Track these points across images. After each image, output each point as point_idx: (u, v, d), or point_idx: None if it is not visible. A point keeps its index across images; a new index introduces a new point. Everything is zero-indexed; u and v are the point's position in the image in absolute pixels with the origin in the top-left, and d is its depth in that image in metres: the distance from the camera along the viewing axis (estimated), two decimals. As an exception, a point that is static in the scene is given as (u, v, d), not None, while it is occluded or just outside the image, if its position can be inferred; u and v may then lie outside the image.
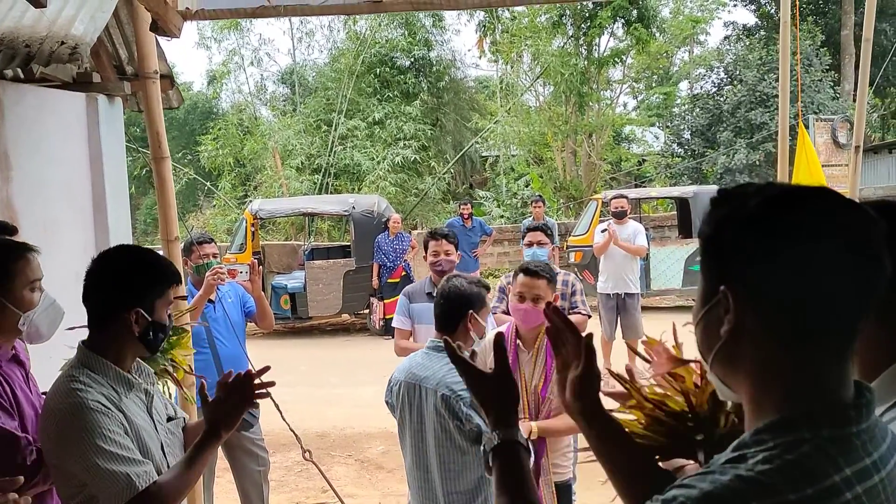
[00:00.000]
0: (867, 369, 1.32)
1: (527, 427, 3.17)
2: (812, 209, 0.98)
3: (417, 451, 2.89)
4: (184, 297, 3.54)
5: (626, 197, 8.92)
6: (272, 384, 2.23)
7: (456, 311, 2.88)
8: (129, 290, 2.11)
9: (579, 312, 4.79)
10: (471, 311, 2.86)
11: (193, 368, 4.06)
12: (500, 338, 1.46)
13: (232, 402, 2.14)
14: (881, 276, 0.97)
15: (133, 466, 1.94)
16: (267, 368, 2.24)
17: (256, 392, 2.18)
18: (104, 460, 1.91)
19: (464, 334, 2.87)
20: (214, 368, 4.25)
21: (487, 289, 3.02)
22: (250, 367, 2.26)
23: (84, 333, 2.22)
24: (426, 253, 4.50)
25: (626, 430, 1.48)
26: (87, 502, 1.98)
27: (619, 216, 8.51)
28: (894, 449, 1.01)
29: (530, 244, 5.11)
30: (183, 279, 3.30)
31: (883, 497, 0.96)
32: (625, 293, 8.39)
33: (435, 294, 4.23)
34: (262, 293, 4.60)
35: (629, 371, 1.96)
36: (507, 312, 4.79)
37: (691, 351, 1.33)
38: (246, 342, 4.56)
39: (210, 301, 4.37)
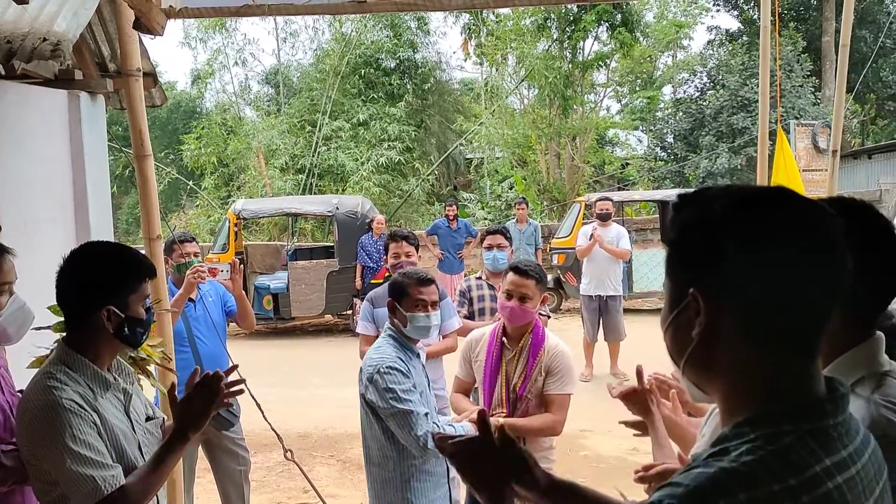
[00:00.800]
0: (822, 356, 1.37)
1: (494, 424, 3.17)
2: (777, 210, 1.00)
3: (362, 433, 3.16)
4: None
5: (610, 199, 8.98)
6: (242, 381, 2.23)
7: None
8: (99, 289, 2.09)
9: (540, 313, 4.81)
10: (390, 299, 3.15)
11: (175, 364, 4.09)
12: (483, 415, 1.42)
13: (200, 403, 2.12)
14: (845, 272, 0.99)
15: (101, 470, 1.94)
16: (235, 367, 2.24)
17: (226, 392, 2.17)
18: (73, 462, 1.92)
19: (393, 321, 3.14)
20: (195, 367, 4.22)
21: (425, 283, 3.17)
22: (230, 365, 2.25)
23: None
24: (387, 255, 4.51)
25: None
26: (59, 501, 1.98)
27: (604, 218, 8.57)
28: (867, 441, 1.04)
29: (490, 247, 5.05)
30: (161, 273, 3.30)
31: (860, 488, 0.98)
32: (607, 295, 8.45)
33: None
34: (243, 292, 4.59)
35: (639, 373, 2.03)
36: (468, 317, 4.80)
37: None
38: (227, 341, 4.55)
39: (191, 300, 4.35)
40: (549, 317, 4.84)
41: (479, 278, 5.01)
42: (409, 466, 3.02)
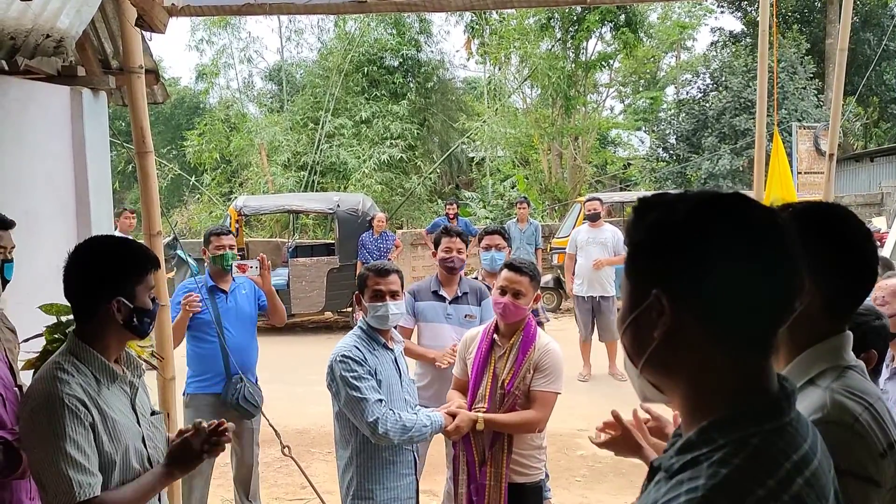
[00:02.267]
0: (788, 350, 1.47)
1: (472, 417, 3.24)
2: (736, 214, 1.03)
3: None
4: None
5: (599, 199, 8.90)
6: (226, 434, 2.33)
7: None
8: (107, 281, 2.15)
9: (541, 321, 4.89)
10: (356, 292, 3.41)
11: (188, 356, 4.34)
12: None
13: (195, 449, 2.24)
14: (800, 275, 1.03)
15: (80, 474, 1.98)
16: (222, 423, 2.32)
17: (215, 442, 2.28)
18: (58, 458, 1.97)
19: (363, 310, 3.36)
20: (220, 357, 4.38)
21: (382, 274, 3.32)
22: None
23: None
24: (436, 249, 4.58)
25: None
26: (41, 488, 2.06)
27: (593, 219, 8.51)
28: (816, 434, 1.08)
29: (488, 247, 5.00)
30: (162, 264, 3.37)
31: (824, 480, 1.01)
32: (599, 296, 8.41)
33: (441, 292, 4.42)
34: (273, 288, 4.68)
35: (617, 418, 2.03)
36: None
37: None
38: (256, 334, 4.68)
39: (222, 291, 4.50)
40: (547, 321, 4.87)
41: (476, 278, 5.02)
42: (368, 453, 3.15)
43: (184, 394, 4.47)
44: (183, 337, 4.33)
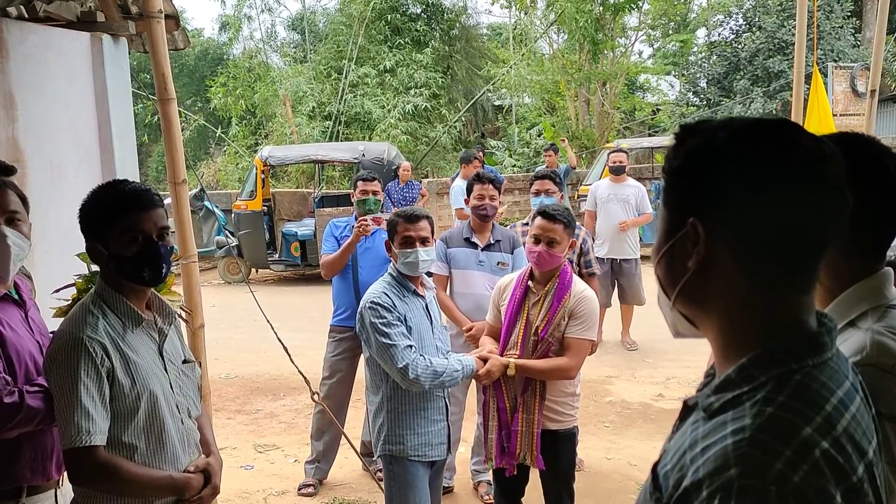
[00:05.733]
0: (824, 294, 1.43)
1: (503, 362, 3.22)
2: (781, 142, 0.97)
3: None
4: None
5: (625, 152, 8.29)
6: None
7: None
8: (85, 228, 2.16)
9: (594, 273, 4.84)
10: (386, 239, 3.37)
11: (333, 293, 4.69)
12: None
13: (197, 488, 2.24)
14: (844, 208, 0.97)
15: (84, 420, 1.99)
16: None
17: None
18: (70, 400, 1.99)
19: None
20: (353, 292, 4.59)
21: (412, 220, 3.28)
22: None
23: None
24: (468, 196, 4.55)
25: None
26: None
27: (617, 172, 7.90)
28: (857, 374, 1.04)
29: (538, 192, 4.95)
30: (186, 219, 3.37)
31: (868, 418, 0.98)
32: (622, 259, 7.71)
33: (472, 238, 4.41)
34: None
35: None
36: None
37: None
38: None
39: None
40: (599, 272, 5.01)
41: (526, 224, 4.94)
42: (399, 398, 3.16)
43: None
44: (345, 263, 4.57)
